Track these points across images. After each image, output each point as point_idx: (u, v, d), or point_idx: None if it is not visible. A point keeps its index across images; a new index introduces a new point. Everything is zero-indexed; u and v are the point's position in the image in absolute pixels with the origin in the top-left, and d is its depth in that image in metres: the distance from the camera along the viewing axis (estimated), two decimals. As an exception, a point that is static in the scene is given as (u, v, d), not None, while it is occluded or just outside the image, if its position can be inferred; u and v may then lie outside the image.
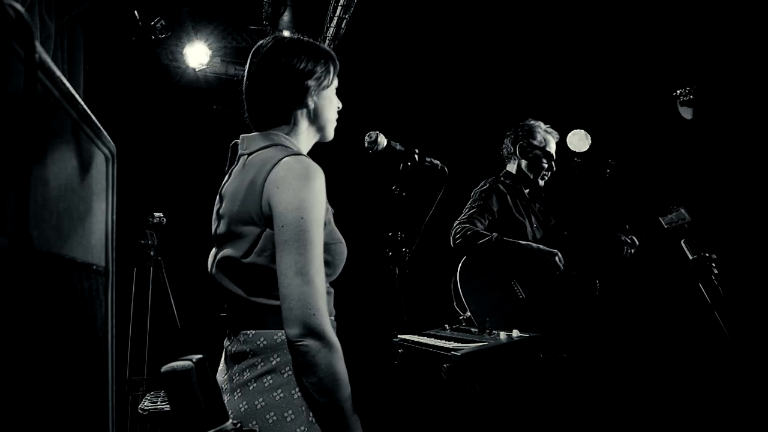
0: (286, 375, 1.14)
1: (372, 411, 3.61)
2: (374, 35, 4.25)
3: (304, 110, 1.34)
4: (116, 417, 0.68)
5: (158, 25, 3.48)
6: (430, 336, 2.23)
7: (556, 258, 2.54)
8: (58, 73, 0.51)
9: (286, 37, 1.35)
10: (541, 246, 2.58)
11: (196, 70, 4.11)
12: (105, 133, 0.68)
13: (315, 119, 1.37)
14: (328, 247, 1.22)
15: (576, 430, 2.05)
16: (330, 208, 1.30)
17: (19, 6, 0.42)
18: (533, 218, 2.81)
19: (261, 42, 1.37)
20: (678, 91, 2.68)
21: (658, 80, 3.70)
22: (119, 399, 2.16)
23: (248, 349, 1.17)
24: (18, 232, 0.43)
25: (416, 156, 2.26)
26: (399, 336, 2.26)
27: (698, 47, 3.40)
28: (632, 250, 2.65)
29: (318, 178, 1.17)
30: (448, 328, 2.37)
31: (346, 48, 4.23)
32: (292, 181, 1.14)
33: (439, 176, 2.34)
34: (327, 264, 1.21)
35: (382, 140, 2.19)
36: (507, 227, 2.66)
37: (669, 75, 3.62)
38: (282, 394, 1.12)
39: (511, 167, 2.93)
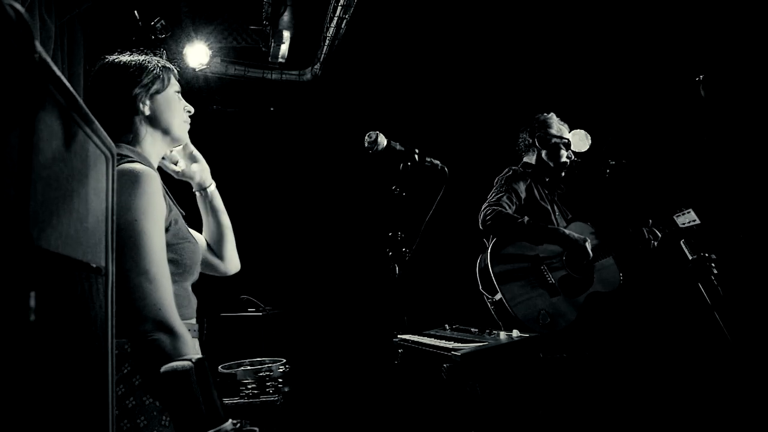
0: (137, 383, 1.17)
1: (372, 411, 3.61)
2: (374, 35, 4.25)
3: (140, 116, 1.40)
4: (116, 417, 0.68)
5: (158, 25, 3.48)
6: (430, 336, 2.23)
7: (587, 245, 2.58)
8: (58, 73, 0.51)
9: (110, 57, 1.43)
10: (573, 232, 2.62)
11: (196, 70, 4.11)
12: (105, 133, 0.68)
13: (155, 123, 1.43)
14: (174, 247, 1.29)
15: (576, 430, 2.05)
16: (176, 210, 1.37)
17: (19, 6, 0.42)
18: (555, 207, 2.84)
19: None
20: (701, 77, 2.69)
21: (658, 80, 3.71)
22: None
23: None
24: (18, 231, 0.43)
25: (416, 156, 2.26)
26: (399, 336, 2.26)
27: (698, 48, 3.40)
28: (656, 243, 2.77)
29: (150, 182, 1.23)
30: (448, 328, 2.37)
31: (346, 48, 4.23)
32: (124, 187, 1.20)
33: (439, 176, 2.34)
34: (175, 262, 1.28)
35: (382, 140, 2.19)
36: (533, 213, 2.70)
37: (669, 75, 3.62)
38: (134, 402, 1.16)
39: (530, 158, 2.95)
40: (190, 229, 1.47)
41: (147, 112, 1.40)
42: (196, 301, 1.41)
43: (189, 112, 1.52)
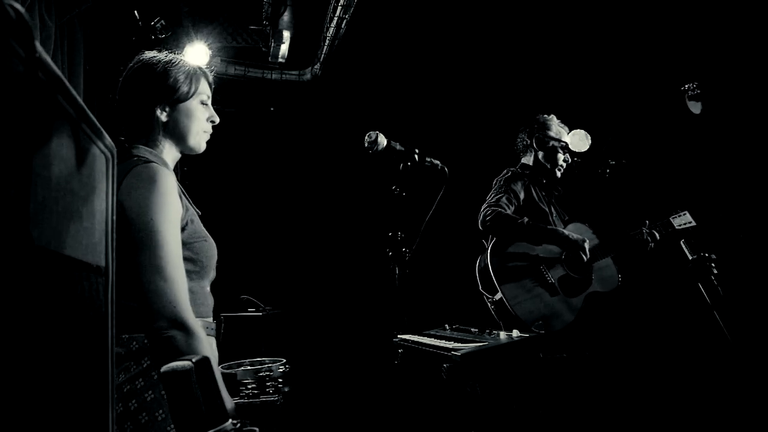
0: (156, 377, 1.18)
1: (372, 411, 3.61)
2: (374, 35, 4.25)
3: (158, 122, 1.41)
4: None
5: (158, 25, 3.48)
6: (430, 336, 2.23)
7: (586, 245, 2.59)
8: (58, 73, 0.51)
9: (144, 55, 1.42)
10: (572, 233, 2.62)
11: (196, 70, 4.10)
12: (105, 133, 0.68)
13: (170, 130, 1.43)
14: (190, 246, 1.30)
15: (576, 430, 2.05)
16: (192, 210, 1.37)
17: (19, 6, 0.42)
18: (552, 209, 2.85)
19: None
20: (686, 86, 2.72)
21: (658, 80, 3.70)
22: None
23: (123, 352, 1.21)
24: (18, 231, 0.43)
25: (416, 156, 2.26)
26: (399, 336, 2.26)
27: (697, 48, 3.40)
28: (653, 244, 2.79)
29: (165, 182, 1.24)
30: (448, 328, 2.37)
31: (346, 48, 4.23)
32: (139, 186, 1.21)
33: (439, 176, 2.34)
34: (191, 261, 1.29)
35: (382, 140, 2.19)
36: (531, 214, 2.70)
37: (669, 75, 3.62)
38: (153, 395, 1.17)
39: (528, 159, 2.96)
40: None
41: (164, 119, 1.41)
42: (213, 301, 1.41)
43: (213, 122, 1.51)
